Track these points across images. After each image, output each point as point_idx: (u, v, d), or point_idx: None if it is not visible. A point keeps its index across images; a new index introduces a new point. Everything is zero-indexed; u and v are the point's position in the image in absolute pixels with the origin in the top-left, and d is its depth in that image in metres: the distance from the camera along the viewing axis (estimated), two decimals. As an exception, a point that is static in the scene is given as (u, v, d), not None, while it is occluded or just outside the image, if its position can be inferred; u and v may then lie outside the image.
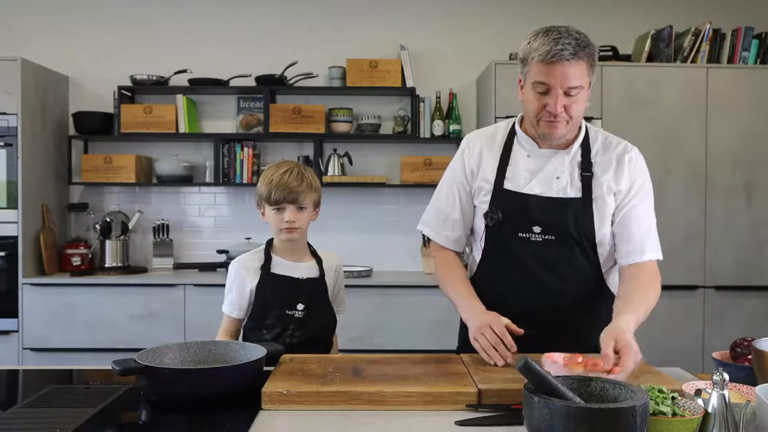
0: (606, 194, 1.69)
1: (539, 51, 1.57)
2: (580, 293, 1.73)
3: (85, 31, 4.16)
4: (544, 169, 1.71)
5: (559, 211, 1.67)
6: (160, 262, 4.05)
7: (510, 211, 1.70)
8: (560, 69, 1.56)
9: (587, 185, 1.69)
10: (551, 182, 1.69)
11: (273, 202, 1.82)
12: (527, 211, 1.69)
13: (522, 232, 1.69)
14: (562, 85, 1.58)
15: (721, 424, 1.07)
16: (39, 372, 1.71)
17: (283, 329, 1.82)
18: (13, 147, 3.62)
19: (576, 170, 1.70)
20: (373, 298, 3.64)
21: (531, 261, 1.70)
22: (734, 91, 3.70)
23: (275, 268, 1.87)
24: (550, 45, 1.56)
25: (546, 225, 1.68)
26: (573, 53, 1.55)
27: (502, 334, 1.54)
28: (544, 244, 1.68)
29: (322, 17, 4.18)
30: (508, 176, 1.73)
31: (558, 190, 1.69)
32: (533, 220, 1.68)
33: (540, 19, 4.11)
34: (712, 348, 1.74)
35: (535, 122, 1.66)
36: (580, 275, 1.72)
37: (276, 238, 1.90)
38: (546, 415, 1.02)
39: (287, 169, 1.84)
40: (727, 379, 1.10)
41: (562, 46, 1.55)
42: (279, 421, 1.24)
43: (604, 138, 1.78)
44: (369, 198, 4.17)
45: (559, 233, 1.68)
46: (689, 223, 3.70)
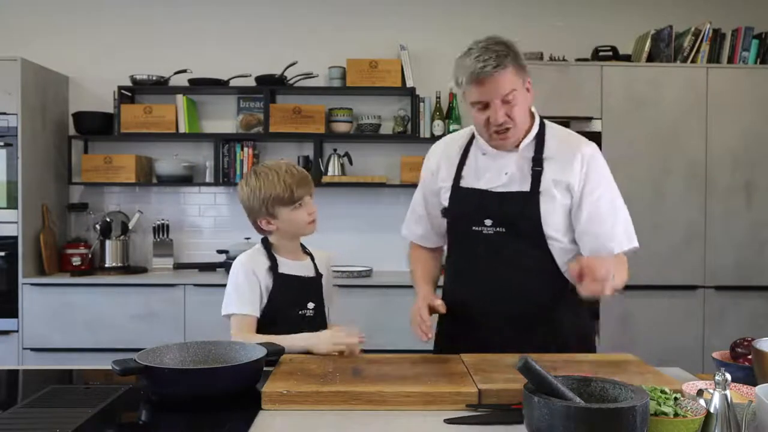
0: (555, 188, 1.73)
1: (466, 73, 1.67)
2: (535, 286, 1.77)
3: (85, 31, 4.16)
4: (494, 167, 1.79)
5: (507, 204, 1.74)
6: (160, 262, 4.05)
7: (464, 207, 1.80)
8: (491, 83, 1.65)
9: (536, 179, 1.74)
10: (500, 178, 1.77)
11: (296, 200, 1.78)
12: (478, 205, 1.77)
13: (475, 226, 1.77)
14: (497, 97, 1.67)
15: (724, 425, 1.07)
16: (39, 372, 1.71)
17: (295, 330, 1.73)
18: (13, 147, 3.62)
19: (527, 165, 1.76)
20: (373, 298, 3.64)
21: (485, 253, 1.77)
22: (734, 91, 3.70)
23: (282, 268, 1.83)
24: (473, 64, 1.65)
25: (496, 217, 1.75)
26: (496, 65, 1.64)
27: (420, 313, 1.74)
28: (496, 236, 1.75)
29: (322, 17, 4.18)
30: (464, 175, 1.82)
31: (506, 184, 1.76)
32: (484, 214, 1.76)
33: (540, 19, 4.13)
34: (712, 348, 1.74)
35: (487, 137, 1.76)
36: (533, 267, 1.76)
37: (297, 235, 1.86)
38: (546, 415, 1.02)
39: (287, 168, 1.81)
40: (729, 379, 1.10)
41: (484, 62, 1.64)
42: (279, 421, 1.24)
43: (560, 134, 1.83)
44: (369, 198, 4.17)
45: (508, 226, 1.74)
46: (689, 223, 3.71)
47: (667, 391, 1.14)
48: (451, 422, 1.22)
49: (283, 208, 1.79)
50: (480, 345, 1.70)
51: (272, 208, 1.79)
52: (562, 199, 1.73)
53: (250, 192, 1.80)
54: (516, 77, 1.68)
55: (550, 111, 3.66)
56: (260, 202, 1.79)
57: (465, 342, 1.76)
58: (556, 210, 1.73)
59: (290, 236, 1.86)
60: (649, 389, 1.13)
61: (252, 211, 1.83)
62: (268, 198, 1.78)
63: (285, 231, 1.83)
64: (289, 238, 1.86)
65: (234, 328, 1.77)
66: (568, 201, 1.74)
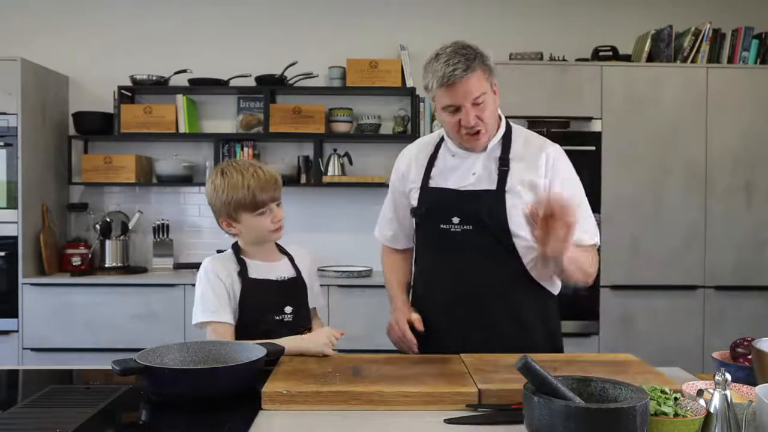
0: (520, 186, 1.77)
1: (436, 77, 1.70)
2: (502, 284, 1.79)
3: (85, 31, 4.16)
4: (462, 167, 1.83)
5: (473, 202, 1.78)
6: (160, 262, 4.05)
7: (432, 205, 1.83)
8: (461, 87, 1.68)
9: (502, 178, 1.78)
10: (467, 177, 1.81)
11: (259, 206, 1.70)
12: (446, 203, 1.81)
13: (443, 224, 1.80)
14: (467, 100, 1.70)
15: (724, 425, 1.07)
16: (39, 372, 1.71)
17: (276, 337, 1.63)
18: (13, 147, 3.62)
19: (494, 165, 1.80)
20: (373, 298, 3.64)
21: (452, 251, 1.80)
22: (734, 91, 3.70)
23: (252, 272, 1.74)
24: (443, 69, 1.68)
25: (462, 215, 1.78)
26: (465, 69, 1.67)
27: (402, 331, 1.84)
28: (463, 234, 1.78)
29: (322, 17, 4.18)
30: (432, 175, 1.86)
31: (474, 184, 1.80)
32: (452, 212, 1.79)
33: (540, 19, 4.13)
34: (712, 348, 1.74)
35: (458, 139, 1.80)
36: (500, 265, 1.78)
37: (259, 241, 1.77)
38: (546, 415, 1.02)
39: (254, 170, 1.71)
40: (729, 379, 1.09)
41: (453, 66, 1.67)
42: (279, 421, 1.24)
43: (525, 135, 1.88)
44: (369, 198, 4.16)
45: (475, 223, 1.77)
46: (689, 223, 3.71)
47: (667, 391, 1.14)
48: (451, 422, 1.22)
49: (245, 213, 1.71)
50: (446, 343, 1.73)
51: (234, 212, 1.71)
52: (528, 197, 1.76)
53: (214, 191, 1.72)
54: (484, 80, 1.72)
55: (550, 111, 3.69)
56: (222, 204, 1.71)
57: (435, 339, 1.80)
58: (520, 208, 1.75)
59: (253, 242, 1.77)
60: (649, 389, 1.13)
61: (214, 211, 1.75)
62: (230, 200, 1.69)
63: (247, 236, 1.76)
64: (252, 243, 1.77)
65: (209, 337, 1.68)
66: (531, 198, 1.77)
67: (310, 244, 2.01)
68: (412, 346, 1.83)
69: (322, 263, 3.91)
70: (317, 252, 3.93)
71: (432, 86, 1.73)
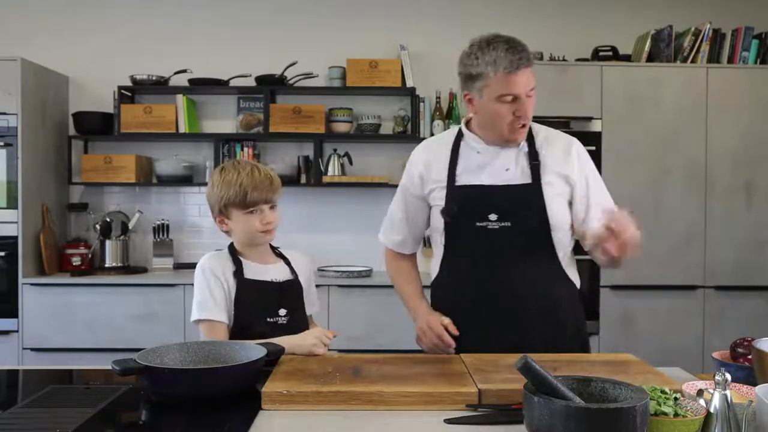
0: (556, 178, 1.78)
1: (501, 64, 1.66)
2: (538, 281, 1.78)
3: (85, 31, 4.16)
4: (493, 163, 1.81)
5: (512, 197, 1.77)
6: (160, 262, 4.05)
7: (465, 204, 1.79)
8: (523, 76, 1.68)
9: (536, 172, 1.78)
10: (501, 173, 1.79)
11: (249, 205, 1.71)
12: (482, 200, 1.78)
13: (479, 222, 1.76)
14: (525, 91, 1.69)
15: (724, 425, 1.07)
16: (39, 372, 1.71)
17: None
18: (13, 147, 3.62)
19: (525, 161, 1.80)
20: (373, 298, 3.64)
21: (490, 250, 1.77)
22: (734, 91, 3.70)
23: (248, 273, 1.74)
24: (508, 57, 1.66)
25: (501, 212, 1.75)
26: (528, 59, 1.69)
27: (439, 334, 1.76)
28: (501, 231, 1.75)
29: (322, 17, 4.18)
30: (459, 172, 1.82)
31: (509, 179, 1.78)
32: (489, 208, 1.76)
33: (540, 19, 4.13)
34: (712, 348, 1.74)
35: (507, 131, 1.75)
36: (536, 262, 1.77)
37: (249, 242, 1.77)
38: (546, 415, 1.02)
39: (251, 169, 1.74)
40: (729, 379, 1.09)
41: (519, 55, 1.66)
42: (279, 421, 1.24)
43: (542, 130, 1.87)
44: (369, 198, 4.17)
45: (514, 219, 1.75)
46: (689, 223, 3.71)
47: (667, 391, 1.14)
48: (451, 422, 1.22)
49: (236, 211, 1.73)
50: (479, 343, 1.70)
51: (225, 209, 1.74)
52: (561, 189, 1.78)
53: (211, 187, 1.76)
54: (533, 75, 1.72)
55: (550, 111, 3.69)
56: (216, 199, 1.75)
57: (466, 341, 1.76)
58: (556, 200, 1.78)
59: (244, 241, 1.78)
60: (649, 389, 1.13)
61: (210, 206, 1.79)
62: (223, 197, 1.73)
63: (238, 234, 1.77)
64: (244, 243, 1.78)
65: (203, 336, 1.68)
66: (566, 191, 1.80)
67: (310, 244, 2.02)
68: (449, 348, 1.76)
69: (322, 263, 3.91)
70: (317, 252, 3.97)
71: (487, 73, 1.68)
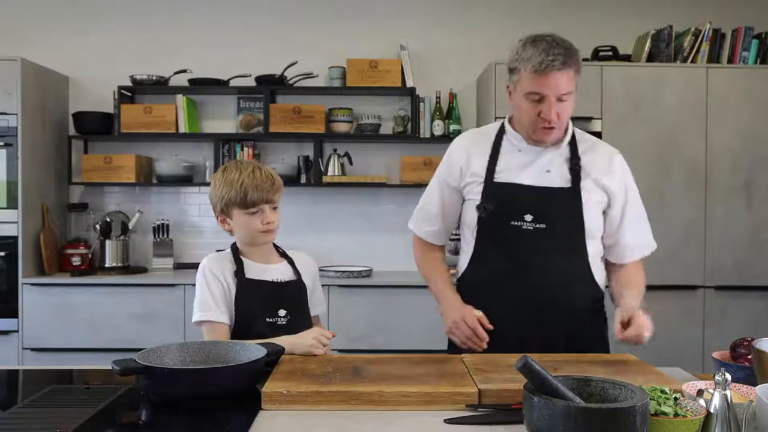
0: (595, 186, 1.78)
1: (531, 62, 1.66)
2: (569, 285, 1.77)
3: (85, 31, 4.16)
4: (535, 163, 1.79)
5: (550, 200, 1.75)
6: (160, 262, 4.05)
7: (502, 201, 1.78)
8: (553, 79, 1.66)
9: (576, 177, 1.77)
10: (542, 174, 1.78)
11: (249, 205, 1.72)
12: (519, 199, 1.77)
13: (514, 221, 1.76)
14: (555, 93, 1.67)
15: (724, 425, 1.07)
16: (39, 372, 1.71)
17: None
18: (13, 147, 3.62)
19: (565, 165, 1.79)
20: (373, 298, 3.64)
21: (523, 249, 1.76)
22: (734, 91, 3.70)
23: (249, 273, 1.75)
24: (541, 56, 1.64)
25: (537, 213, 1.74)
26: (563, 63, 1.65)
27: (474, 327, 1.71)
28: (536, 233, 1.74)
29: (322, 17, 4.18)
30: (498, 169, 1.81)
31: (549, 181, 1.78)
32: (525, 209, 1.75)
33: (540, 19, 4.13)
34: (712, 348, 1.74)
35: (531, 129, 1.75)
36: (568, 266, 1.77)
37: (250, 242, 1.78)
38: (546, 415, 1.02)
39: (252, 169, 1.74)
40: (729, 379, 1.09)
41: (553, 56, 1.64)
42: (279, 421, 1.24)
43: (588, 137, 1.88)
44: (369, 198, 4.17)
45: (549, 222, 1.74)
46: (689, 223, 3.70)
47: (667, 391, 1.14)
48: (451, 422, 1.22)
49: (237, 211, 1.74)
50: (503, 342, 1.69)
51: (227, 208, 1.75)
52: (599, 197, 1.79)
53: (214, 185, 1.78)
54: (573, 80, 1.71)
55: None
56: (218, 198, 1.76)
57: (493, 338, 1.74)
58: (593, 207, 1.78)
59: (245, 241, 1.78)
60: (649, 389, 1.13)
61: (212, 205, 1.80)
62: (224, 196, 1.74)
63: (239, 234, 1.78)
64: (245, 243, 1.79)
65: (204, 336, 1.69)
66: (603, 199, 1.80)
67: (309, 244, 2.02)
68: (483, 341, 1.71)
69: (322, 263, 3.91)
70: (317, 252, 3.96)
71: (520, 69, 1.70)
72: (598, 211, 1.80)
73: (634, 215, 1.85)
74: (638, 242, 1.86)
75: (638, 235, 1.86)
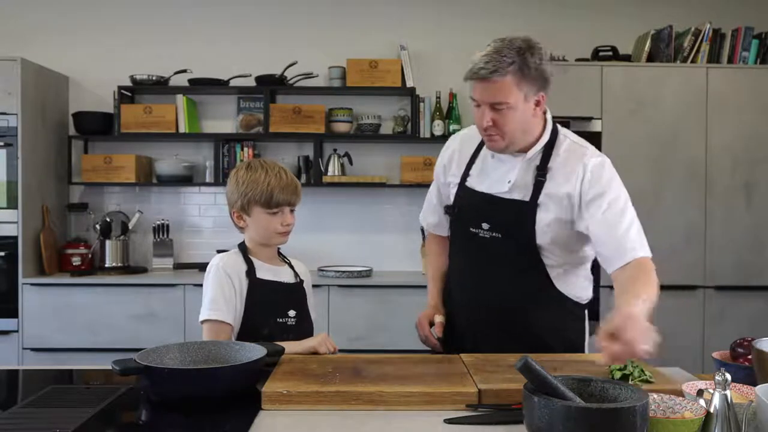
0: (553, 199, 1.69)
1: (469, 68, 1.65)
2: (524, 295, 1.75)
3: (85, 31, 4.16)
4: (499, 171, 1.77)
5: (504, 211, 1.74)
6: (160, 262, 4.05)
7: (465, 207, 1.81)
8: (483, 86, 1.63)
9: (537, 190, 1.71)
10: (502, 184, 1.75)
11: (273, 205, 1.73)
12: (477, 207, 1.78)
13: (473, 227, 1.77)
14: (484, 101, 1.65)
15: (724, 425, 1.07)
16: (39, 372, 1.71)
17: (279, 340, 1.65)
18: (13, 147, 3.62)
19: (531, 174, 1.72)
20: (373, 298, 3.64)
21: (479, 256, 1.78)
22: (734, 91, 3.70)
23: (259, 273, 1.76)
24: (474, 63, 1.63)
25: (493, 222, 1.74)
26: (492, 71, 1.59)
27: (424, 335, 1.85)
28: (491, 241, 1.75)
29: (322, 17, 4.18)
30: (471, 174, 1.82)
31: (506, 191, 1.74)
32: (482, 217, 1.76)
33: (540, 19, 4.13)
34: (712, 348, 1.74)
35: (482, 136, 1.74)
36: (524, 277, 1.74)
37: (265, 241, 1.79)
38: (546, 415, 1.02)
39: (278, 171, 1.76)
40: (729, 379, 1.09)
41: (483, 64, 1.61)
42: (279, 421, 1.24)
43: (570, 145, 1.77)
44: (369, 198, 4.17)
45: (504, 232, 1.73)
46: (689, 223, 3.71)
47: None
48: (451, 422, 1.22)
49: (258, 209, 1.75)
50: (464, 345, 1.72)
51: (248, 205, 1.75)
52: (560, 211, 1.69)
53: (236, 182, 1.77)
54: (515, 89, 1.62)
55: (550, 111, 3.68)
56: (239, 195, 1.75)
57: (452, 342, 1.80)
58: (553, 222, 1.70)
59: (259, 240, 1.79)
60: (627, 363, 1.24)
61: (230, 201, 1.79)
62: (248, 193, 1.74)
63: (254, 232, 1.78)
64: (258, 242, 1.79)
65: (205, 336, 1.68)
66: (566, 214, 1.70)
67: (310, 243, 2.03)
68: (434, 347, 1.82)
69: (322, 263, 3.91)
70: (317, 252, 3.98)
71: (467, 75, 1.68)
72: (559, 225, 1.70)
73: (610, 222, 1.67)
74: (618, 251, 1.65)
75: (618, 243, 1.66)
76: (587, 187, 1.68)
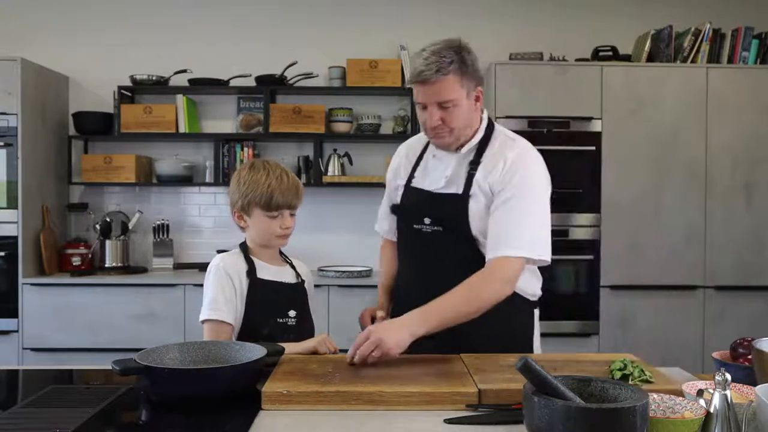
0: (481, 191, 1.77)
1: (412, 73, 1.73)
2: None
3: (85, 31, 4.16)
4: (438, 169, 1.85)
5: (441, 205, 1.80)
6: (160, 262, 4.05)
7: (409, 205, 1.88)
8: (428, 88, 1.70)
9: (469, 183, 1.78)
10: (440, 180, 1.82)
11: (273, 208, 1.73)
12: (419, 204, 1.85)
13: (416, 224, 1.83)
14: (433, 101, 1.72)
15: (724, 425, 1.07)
16: (39, 372, 1.71)
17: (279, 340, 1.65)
18: (13, 147, 3.62)
19: (465, 169, 1.80)
20: (373, 298, 3.59)
21: (422, 251, 1.83)
22: (734, 91, 3.70)
23: (260, 273, 1.76)
24: (416, 67, 1.70)
25: (433, 217, 1.81)
26: (436, 71, 1.67)
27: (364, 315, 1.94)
28: (433, 235, 1.81)
29: (322, 17, 4.18)
30: (416, 176, 1.90)
31: (443, 186, 1.81)
32: (423, 213, 1.82)
33: (540, 19, 4.14)
34: (712, 348, 1.74)
35: (428, 135, 1.82)
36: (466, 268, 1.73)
37: (264, 243, 1.79)
38: (546, 415, 1.02)
39: (280, 173, 1.76)
40: (729, 379, 1.09)
41: (426, 66, 1.68)
42: (279, 421, 1.24)
43: (503, 139, 1.84)
44: (369, 198, 4.15)
45: (444, 226, 1.79)
46: (689, 223, 3.71)
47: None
48: (451, 422, 1.22)
49: (258, 210, 1.75)
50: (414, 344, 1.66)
51: (248, 206, 1.75)
52: (487, 201, 1.76)
53: (237, 181, 1.77)
54: (458, 86, 1.70)
55: (550, 111, 3.69)
56: (240, 195, 1.75)
57: None
58: (483, 213, 1.75)
59: (259, 241, 1.79)
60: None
61: (232, 200, 1.80)
62: (248, 194, 1.74)
63: (254, 233, 1.78)
64: (258, 243, 1.80)
65: (206, 335, 1.68)
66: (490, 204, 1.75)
67: (309, 244, 2.03)
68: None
69: (322, 263, 3.91)
70: (317, 252, 3.98)
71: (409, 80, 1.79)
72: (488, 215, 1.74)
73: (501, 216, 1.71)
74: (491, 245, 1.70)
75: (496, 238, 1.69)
76: (500, 178, 1.74)
